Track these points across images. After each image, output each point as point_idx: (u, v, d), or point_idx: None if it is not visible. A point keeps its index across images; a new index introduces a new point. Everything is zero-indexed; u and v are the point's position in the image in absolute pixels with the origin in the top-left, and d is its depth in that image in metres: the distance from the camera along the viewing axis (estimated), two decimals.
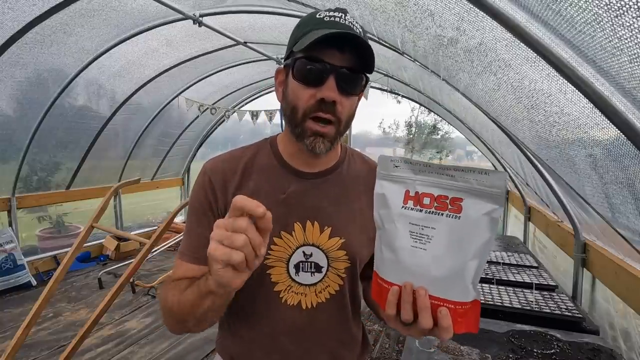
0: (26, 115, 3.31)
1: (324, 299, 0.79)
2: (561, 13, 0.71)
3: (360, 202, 0.82)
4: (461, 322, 0.51)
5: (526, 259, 2.15)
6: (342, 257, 0.79)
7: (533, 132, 1.40)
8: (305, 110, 0.71)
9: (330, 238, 0.78)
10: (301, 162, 0.80)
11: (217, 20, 3.04)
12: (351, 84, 0.70)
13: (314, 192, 0.79)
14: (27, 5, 2.41)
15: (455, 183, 0.52)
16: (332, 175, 0.82)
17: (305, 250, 0.78)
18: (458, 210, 0.51)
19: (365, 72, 0.72)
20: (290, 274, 0.78)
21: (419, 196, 0.54)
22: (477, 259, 0.50)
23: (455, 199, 0.52)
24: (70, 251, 2.13)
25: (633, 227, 1.11)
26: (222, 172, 0.78)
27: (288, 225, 0.77)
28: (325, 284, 0.79)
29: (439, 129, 12.10)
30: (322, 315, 0.80)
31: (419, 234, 0.53)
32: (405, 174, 0.56)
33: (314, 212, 0.78)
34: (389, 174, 0.57)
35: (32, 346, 2.50)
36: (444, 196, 0.52)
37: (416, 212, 0.54)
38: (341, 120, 0.72)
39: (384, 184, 0.58)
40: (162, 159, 5.23)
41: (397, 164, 0.57)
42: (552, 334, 1.40)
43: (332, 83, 0.68)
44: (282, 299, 0.78)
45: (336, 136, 0.74)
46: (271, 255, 0.77)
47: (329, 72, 0.68)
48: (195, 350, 2.53)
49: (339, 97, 0.70)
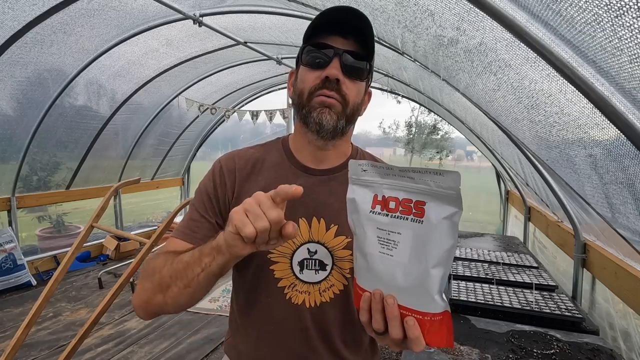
0: (26, 115, 3.31)
1: (328, 299, 0.79)
2: (561, 13, 0.71)
3: None
4: (432, 334, 0.48)
5: (526, 259, 2.15)
6: (348, 257, 0.78)
7: (533, 132, 1.40)
8: (310, 89, 0.73)
9: (336, 236, 0.77)
10: (309, 158, 0.81)
11: (217, 20, 3.05)
12: (355, 68, 0.73)
13: (321, 189, 0.80)
14: (27, 5, 2.41)
15: (416, 185, 0.50)
16: (341, 173, 0.82)
17: (310, 247, 0.78)
18: (421, 214, 0.49)
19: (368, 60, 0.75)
20: (295, 272, 0.78)
21: (386, 200, 0.52)
22: (441, 266, 0.48)
23: (419, 202, 0.49)
24: (70, 251, 2.13)
25: (633, 227, 1.11)
26: (235, 165, 0.81)
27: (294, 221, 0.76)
28: (330, 282, 0.79)
29: (439, 129, 12.10)
30: (326, 316, 0.79)
31: (386, 239, 0.51)
32: (373, 177, 0.55)
33: (321, 209, 0.78)
34: (358, 178, 0.56)
35: (32, 346, 2.50)
36: (408, 199, 0.50)
37: (383, 216, 0.52)
38: (348, 100, 0.74)
39: (355, 188, 0.57)
40: (162, 159, 5.23)
41: (365, 167, 0.55)
42: (552, 334, 1.40)
43: (336, 63, 0.72)
44: (287, 295, 0.78)
45: (343, 114, 0.74)
46: (276, 250, 0.77)
47: (333, 54, 0.72)
48: (195, 350, 2.53)
49: (343, 77, 0.72)
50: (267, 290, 0.79)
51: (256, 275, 0.80)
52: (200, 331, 2.78)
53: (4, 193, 3.54)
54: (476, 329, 1.45)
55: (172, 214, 2.23)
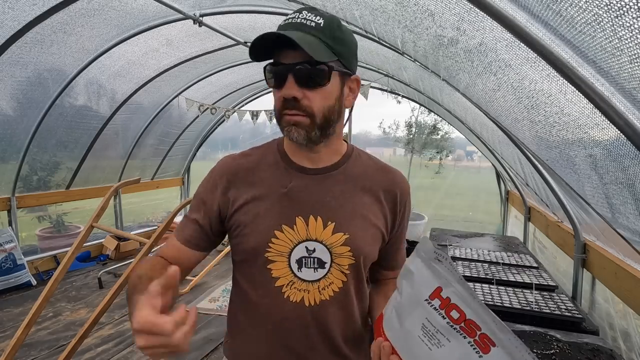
0: (26, 115, 3.31)
1: (328, 297, 0.79)
2: (561, 13, 0.71)
3: (365, 199, 0.82)
4: None
5: (526, 260, 2.15)
6: (346, 254, 0.78)
7: (533, 133, 1.40)
8: (278, 110, 0.75)
9: (334, 233, 0.78)
10: (303, 158, 0.82)
11: (217, 20, 3.04)
12: (311, 77, 0.71)
13: (317, 188, 0.80)
14: (27, 5, 2.41)
15: (487, 318, 0.50)
16: (336, 171, 0.82)
17: (308, 246, 0.78)
18: (485, 350, 0.49)
19: (329, 59, 0.71)
20: (293, 270, 0.78)
21: (450, 304, 0.52)
22: None
23: (486, 337, 0.49)
24: (70, 251, 2.13)
25: (633, 228, 1.11)
26: (232, 168, 0.83)
27: (290, 220, 0.77)
28: (329, 280, 0.79)
29: (439, 129, 12.11)
30: (326, 313, 0.79)
31: (432, 334, 0.52)
32: (444, 271, 0.55)
33: (318, 207, 0.78)
34: (429, 259, 0.57)
35: (31, 346, 2.50)
36: (476, 325, 0.50)
37: (439, 315, 0.53)
38: (313, 112, 0.73)
39: (419, 264, 0.57)
40: (162, 159, 5.22)
41: (441, 259, 0.56)
42: (552, 334, 1.40)
43: (290, 81, 0.71)
44: (285, 294, 0.78)
45: (312, 125, 0.74)
46: (272, 249, 0.77)
47: (286, 71, 0.72)
48: (195, 350, 2.53)
49: (301, 92, 0.72)
50: (265, 289, 0.79)
51: (254, 275, 0.81)
52: (200, 331, 2.78)
53: (4, 193, 3.54)
54: None
55: (172, 214, 2.23)
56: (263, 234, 0.78)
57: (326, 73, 0.72)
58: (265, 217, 0.78)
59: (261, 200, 0.79)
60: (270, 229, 0.77)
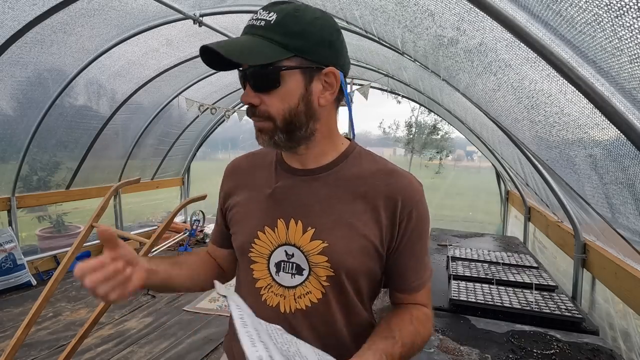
0: (26, 115, 3.31)
1: (304, 306, 0.74)
2: (561, 13, 0.71)
3: (357, 206, 0.73)
4: None
5: (526, 260, 2.15)
6: (323, 264, 0.72)
7: (533, 133, 1.40)
8: None
9: (312, 240, 0.72)
10: (294, 159, 0.79)
11: (217, 20, 3.04)
12: (262, 81, 0.67)
13: (302, 190, 0.76)
14: (27, 5, 2.41)
15: None
16: (326, 173, 0.76)
17: (287, 250, 0.75)
18: None
19: (281, 58, 0.65)
20: (271, 273, 0.76)
21: None
22: None
23: None
24: (70, 251, 2.13)
25: (633, 228, 1.11)
26: (234, 168, 0.88)
27: (272, 221, 0.75)
28: (306, 289, 0.74)
29: (439, 129, 12.11)
30: (301, 325, 0.74)
31: None
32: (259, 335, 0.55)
33: (300, 210, 0.74)
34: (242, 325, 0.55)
35: (32, 346, 2.50)
36: None
37: None
38: (272, 116, 0.68)
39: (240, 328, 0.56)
40: (162, 159, 5.23)
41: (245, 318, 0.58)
42: (552, 334, 1.40)
43: (248, 88, 0.69)
44: (262, 296, 0.77)
45: (275, 130, 0.69)
46: (254, 249, 0.77)
47: (243, 78, 0.70)
48: (195, 350, 2.53)
49: (258, 97, 0.68)
50: (248, 289, 0.79)
51: (240, 274, 0.84)
52: (200, 331, 2.78)
53: (4, 193, 3.54)
54: (476, 329, 1.45)
55: (172, 214, 2.22)
56: (247, 234, 0.78)
57: (276, 74, 0.66)
58: (251, 217, 0.78)
59: (251, 200, 0.80)
60: (254, 229, 0.77)
